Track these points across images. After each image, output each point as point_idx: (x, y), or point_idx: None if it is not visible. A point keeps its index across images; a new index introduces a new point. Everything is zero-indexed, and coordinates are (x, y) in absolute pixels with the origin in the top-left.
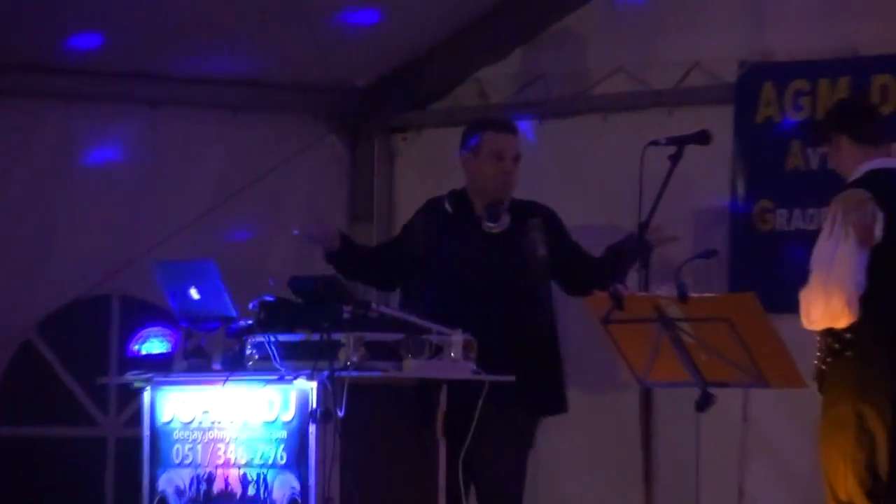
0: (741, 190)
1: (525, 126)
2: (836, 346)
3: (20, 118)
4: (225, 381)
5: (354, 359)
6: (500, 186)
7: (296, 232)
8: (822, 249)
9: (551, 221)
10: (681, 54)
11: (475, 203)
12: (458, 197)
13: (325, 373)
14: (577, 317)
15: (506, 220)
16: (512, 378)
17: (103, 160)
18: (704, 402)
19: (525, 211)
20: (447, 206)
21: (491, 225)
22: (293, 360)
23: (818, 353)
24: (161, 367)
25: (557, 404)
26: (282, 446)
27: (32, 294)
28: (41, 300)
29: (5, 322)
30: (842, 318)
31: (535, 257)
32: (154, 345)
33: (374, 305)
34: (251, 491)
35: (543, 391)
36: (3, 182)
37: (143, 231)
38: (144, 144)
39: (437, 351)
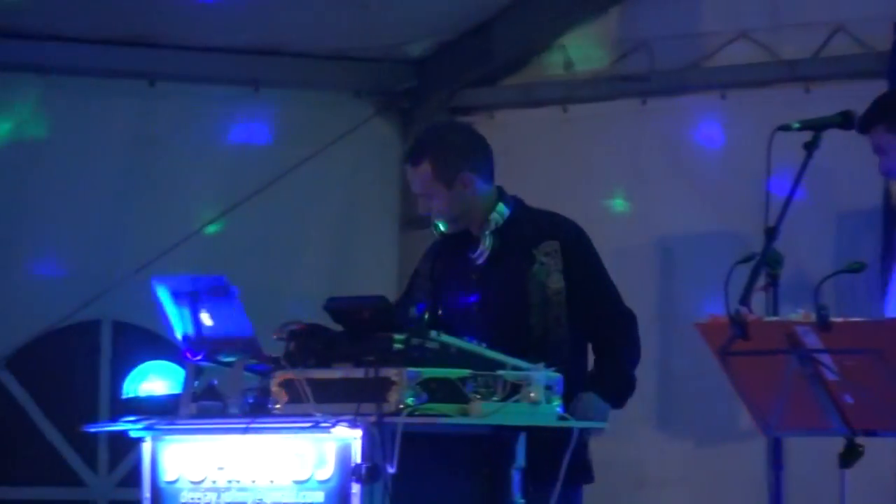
0: None
1: (622, 106)
2: None
3: None
4: (245, 429)
5: (409, 401)
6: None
7: None
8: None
9: (572, 246)
10: (820, 15)
11: None
12: None
13: (372, 418)
14: (686, 347)
15: (484, 249)
16: (603, 424)
17: (85, 150)
18: (850, 456)
19: (538, 228)
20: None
21: (471, 255)
22: (331, 402)
23: None
24: (164, 412)
25: (580, 473)
26: None
27: None
28: (9, 329)
29: None
30: None
31: (545, 290)
32: (155, 384)
33: (433, 334)
34: None
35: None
36: None
37: (137, 241)
38: (139, 130)
39: (514, 391)
